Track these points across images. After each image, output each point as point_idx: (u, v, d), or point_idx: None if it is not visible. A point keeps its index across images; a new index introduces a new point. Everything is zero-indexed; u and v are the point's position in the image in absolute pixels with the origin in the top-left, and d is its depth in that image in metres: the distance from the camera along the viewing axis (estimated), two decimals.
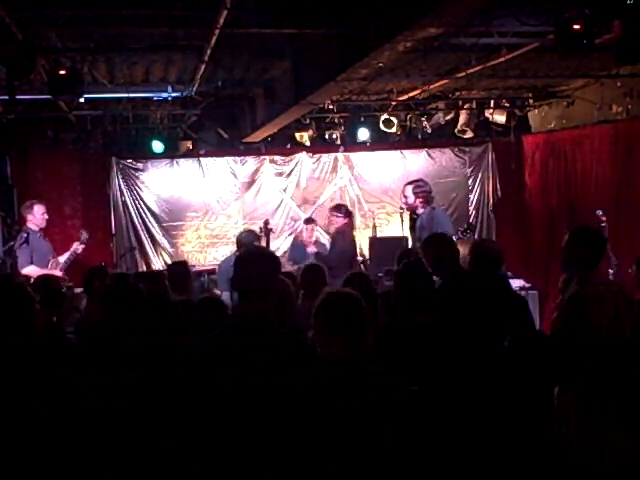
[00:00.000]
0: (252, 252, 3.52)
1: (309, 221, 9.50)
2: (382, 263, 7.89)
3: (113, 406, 3.16)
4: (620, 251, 7.32)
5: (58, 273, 7.84)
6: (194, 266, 8.84)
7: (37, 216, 8.22)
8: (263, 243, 7.96)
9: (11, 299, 3.05)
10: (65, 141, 9.77)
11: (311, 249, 8.83)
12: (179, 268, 5.71)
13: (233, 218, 10.62)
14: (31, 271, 7.73)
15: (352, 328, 2.96)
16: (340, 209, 8.84)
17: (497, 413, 3.26)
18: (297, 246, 9.42)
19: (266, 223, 8.17)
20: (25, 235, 8.05)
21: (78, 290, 7.00)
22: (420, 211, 7.58)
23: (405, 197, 7.64)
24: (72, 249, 8.32)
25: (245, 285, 3.15)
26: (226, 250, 10.16)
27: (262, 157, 10.66)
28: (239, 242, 7.63)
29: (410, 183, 7.74)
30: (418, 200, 7.55)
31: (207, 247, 10.60)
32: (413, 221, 7.98)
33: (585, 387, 3.07)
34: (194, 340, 3.35)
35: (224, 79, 7.89)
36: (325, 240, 10.26)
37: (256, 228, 9.05)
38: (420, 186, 7.66)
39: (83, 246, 8.36)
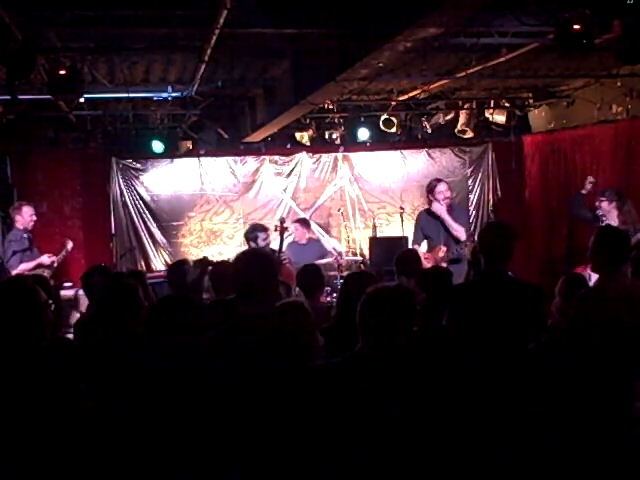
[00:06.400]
0: (250, 255, 3.52)
1: (298, 221, 9.49)
2: (382, 263, 7.90)
3: (115, 406, 3.16)
4: None
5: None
6: None
7: (25, 217, 8.24)
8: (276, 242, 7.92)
9: (25, 300, 2.99)
10: (65, 141, 9.76)
11: None
12: (179, 267, 5.70)
13: (234, 216, 10.63)
14: (22, 270, 7.78)
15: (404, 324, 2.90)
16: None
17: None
18: (293, 247, 9.41)
19: (282, 222, 7.85)
20: (26, 236, 8.14)
21: (79, 291, 7.01)
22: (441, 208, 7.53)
23: (447, 190, 7.51)
24: (61, 255, 8.44)
25: (244, 288, 3.14)
26: (220, 249, 10.22)
27: (262, 157, 10.67)
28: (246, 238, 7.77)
29: (442, 182, 7.69)
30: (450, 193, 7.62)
31: (204, 243, 10.61)
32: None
33: None
34: (194, 340, 3.35)
35: (224, 79, 7.88)
36: (325, 241, 10.30)
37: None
38: (447, 182, 7.79)
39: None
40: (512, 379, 3.25)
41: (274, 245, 7.91)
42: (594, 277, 4.40)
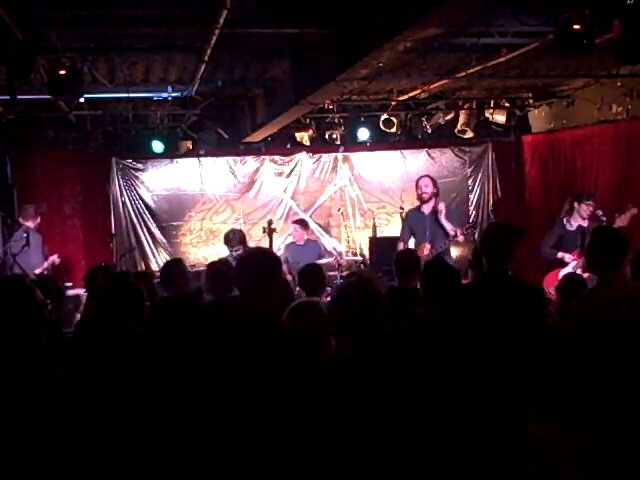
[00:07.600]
0: (253, 253, 3.53)
1: (297, 222, 9.51)
2: (382, 263, 7.91)
3: (114, 404, 3.16)
4: None
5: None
6: (194, 266, 8.85)
7: (38, 220, 8.58)
8: (265, 242, 8.02)
9: (21, 300, 2.97)
10: (65, 141, 9.76)
11: None
12: (172, 266, 5.69)
13: (234, 216, 10.64)
14: (42, 269, 7.97)
15: (371, 321, 2.92)
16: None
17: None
18: (291, 247, 9.42)
19: (269, 223, 8.16)
20: (25, 235, 8.16)
21: (80, 291, 7.00)
22: (430, 206, 7.83)
23: (425, 186, 7.91)
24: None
25: (246, 286, 3.15)
26: (218, 249, 10.24)
27: (262, 157, 10.68)
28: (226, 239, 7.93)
29: (424, 177, 8.12)
30: (434, 190, 7.88)
31: (203, 243, 10.62)
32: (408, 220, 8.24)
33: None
34: (196, 339, 3.36)
35: (224, 79, 7.88)
36: (326, 241, 10.31)
37: (259, 228, 9.09)
38: (433, 179, 8.07)
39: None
40: (512, 379, 3.25)
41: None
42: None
